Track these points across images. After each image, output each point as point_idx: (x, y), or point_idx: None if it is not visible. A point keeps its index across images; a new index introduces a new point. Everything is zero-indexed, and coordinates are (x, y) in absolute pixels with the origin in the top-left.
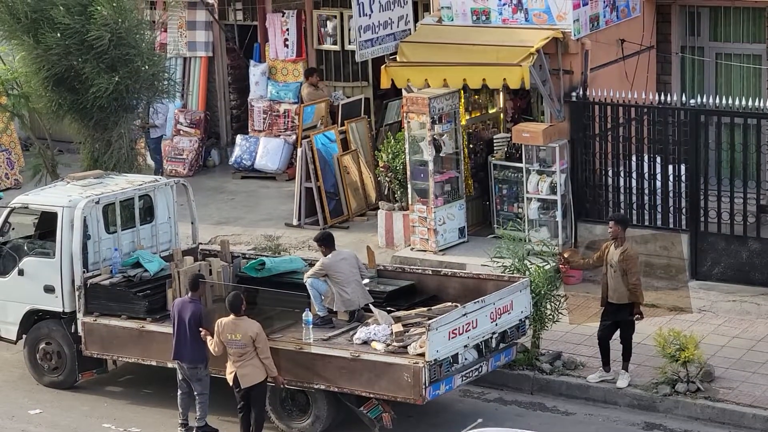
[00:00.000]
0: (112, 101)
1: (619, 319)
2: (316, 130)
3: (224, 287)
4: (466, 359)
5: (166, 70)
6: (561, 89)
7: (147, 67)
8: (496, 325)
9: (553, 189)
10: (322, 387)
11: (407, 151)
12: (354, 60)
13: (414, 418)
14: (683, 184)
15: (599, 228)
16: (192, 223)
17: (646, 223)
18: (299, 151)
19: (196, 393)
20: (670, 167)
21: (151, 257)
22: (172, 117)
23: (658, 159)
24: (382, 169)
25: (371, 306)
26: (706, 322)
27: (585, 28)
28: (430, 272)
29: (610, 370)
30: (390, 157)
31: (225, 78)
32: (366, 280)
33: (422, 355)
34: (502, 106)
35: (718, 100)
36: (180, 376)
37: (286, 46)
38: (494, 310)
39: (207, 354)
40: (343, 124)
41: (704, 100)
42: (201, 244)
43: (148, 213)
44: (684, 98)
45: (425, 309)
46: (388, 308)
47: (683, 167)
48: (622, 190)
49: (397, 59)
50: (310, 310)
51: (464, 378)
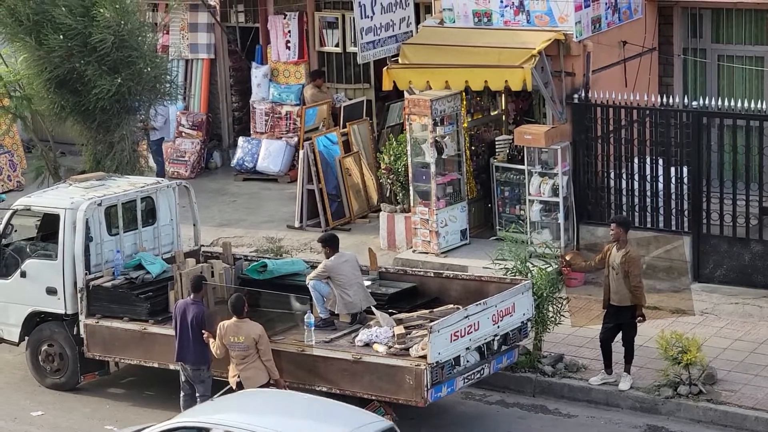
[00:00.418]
0: (114, 103)
1: (621, 321)
2: (318, 132)
3: (226, 289)
4: (467, 361)
5: (168, 72)
6: (563, 91)
7: (149, 69)
8: (498, 327)
9: (555, 191)
10: (324, 389)
11: (409, 153)
12: (356, 62)
13: (416, 420)
14: (685, 187)
15: (601, 230)
16: (194, 225)
17: (649, 226)
18: (301, 153)
19: (198, 394)
20: (672, 169)
21: (153, 259)
22: (174, 119)
23: (660, 161)
24: (384, 171)
25: (373, 308)
26: (708, 324)
27: (587, 30)
28: (432, 274)
29: (612, 372)
30: (392, 159)
31: (227, 80)
32: (367, 282)
33: (424, 357)
34: (504, 108)
35: (720, 102)
36: (183, 378)
37: (288, 48)
38: (496, 312)
39: (210, 356)
40: (345, 126)
41: (706, 102)
42: (203, 246)
43: (150, 215)
44: (686, 100)
45: (427, 311)
46: (390, 310)
47: (685, 169)
48: (624, 192)
49: (399, 61)
50: (312, 312)
51: (466, 380)
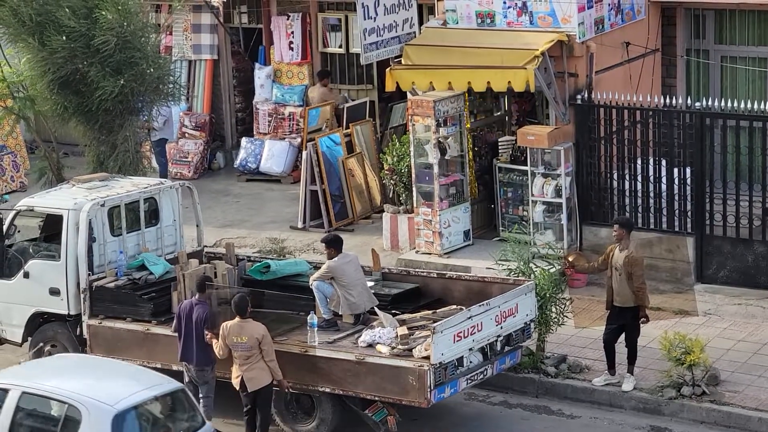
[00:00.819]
0: (117, 104)
1: (624, 322)
2: (321, 133)
3: (229, 290)
4: (471, 362)
5: (171, 73)
6: (566, 92)
7: (152, 70)
8: (501, 328)
9: (558, 192)
10: (327, 390)
11: (412, 153)
12: (359, 63)
13: (419, 421)
14: (688, 187)
15: (604, 231)
16: (197, 226)
17: (652, 226)
18: (304, 154)
19: (201, 396)
20: (676, 170)
21: (156, 260)
22: (177, 120)
23: (664, 162)
24: (387, 172)
25: (376, 309)
26: (711, 325)
27: (590, 31)
28: (435, 275)
29: (615, 373)
30: (395, 159)
31: (230, 81)
32: (371, 283)
33: (427, 358)
34: (507, 109)
35: (723, 103)
36: (187, 379)
37: (291, 49)
38: (499, 313)
39: (214, 357)
40: (348, 127)
41: (710, 103)
42: (206, 246)
43: (153, 216)
44: (689, 101)
45: (430, 312)
46: (393, 311)
47: (688, 170)
48: (627, 193)
49: (402, 62)
50: (315, 313)
51: (469, 381)
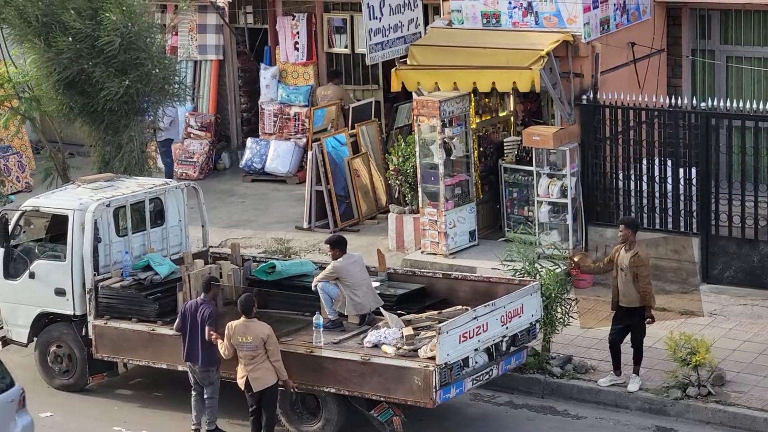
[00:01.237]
0: (122, 105)
1: (630, 322)
2: (326, 133)
3: (234, 290)
4: (476, 363)
5: (176, 73)
6: (571, 92)
7: (157, 70)
8: (507, 328)
9: (563, 192)
10: (333, 390)
11: (418, 154)
12: (364, 63)
13: (424, 421)
14: (694, 188)
15: (610, 231)
16: (202, 226)
17: (657, 227)
18: (310, 154)
19: (206, 396)
20: (681, 170)
21: (161, 260)
22: (183, 120)
23: (669, 162)
24: (393, 173)
25: (382, 309)
26: (717, 325)
27: (595, 32)
28: (441, 275)
29: (620, 373)
30: (400, 160)
31: (235, 81)
32: (376, 284)
33: (433, 358)
34: (512, 109)
35: (729, 103)
36: (192, 380)
37: (297, 49)
38: (505, 313)
39: (219, 357)
40: (353, 127)
41: (715, 103)
42: (211, 247)
43: (159, 216)
44: (695, 101)
45: (436, 312)
46: (399, 311)
47: (694, 170)
48: (632, 194)
49: (408, 62)
50: (321, 314)
51: (475, 381)
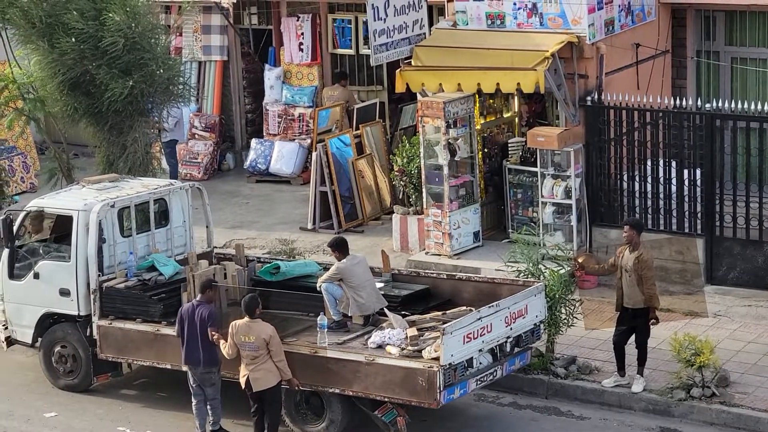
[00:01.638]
0: (126, 105)
1: (634, 323)
2: (330, 134)
3: (239, 291)
4: (480, 363)
5: (181, 74)
6: (576, 93)
7: (162, 71)
8: (511, 329)
9: (567, 193)
10: (337, 391)
11: (422, 155)
12: (369, 64)
13: (428, 422)
14: (698, 189)
15: (614, 232)
16: (207, 227)
17: (662, 228)
18: (314, 155)
19: (208, 398)
20: (686, 172)
21: (166, 261)
22: (187, 121)
23: (674, 163)
24: (397, 173)
25: (386, 310)
26: (721, 326)
27: (600, 33)
28: (445, 276)
29: (625, 374)
30: (405, 161)
31: (240, 82)
32: (380, 284)
33: (437, 359)
34: (517, 110)
35: (733, 105)
36: (193, 383)
37: (301, 50)
38: (509, 314)
39: (219, 357)
40: (358, 128)
41: (719, 104)
42: (216, 247)
43: (163, 217)
44: (699, 102)
45: (440, 313)
46: (403, 312)
47: (698, 172)
48: (637, 195)
49: (412, 63)
50: (325, 314)
51: (479, 382)
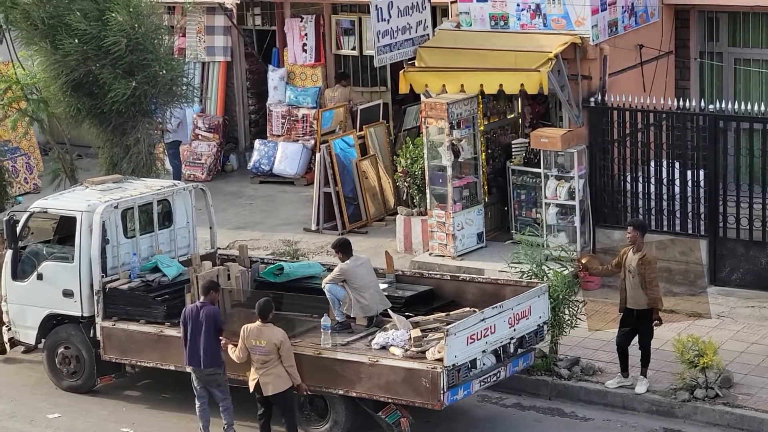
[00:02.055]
0: (130, 106)
1: (637, 324)
2: (334, 135)
3: (242, 292)
4: (484, 364)
5: (184, 74)
6: (579, 94)
7: (165, 72)
8: (515, 330)
9: (571, 194)
10: (341, 392)
11: (426, 156)
12: (372, 65)
13: (432, 423)
14: (702, 190)
15: (617, 233)
16: (210, 228)
17: (665, 229)
18: (318, 155)
19: (218, 401)
20: (689, 173)
21: (169, 262)
22: (191, 122)
23: (677, 164)
24: (401, 174)
25: (390, 311)
26: (724, 327)
27: (603, 34)
28: (449, 277)
29: (628, 375)
30: (408, 162)
31: (243, 83)
32: (384, 285)
33: (440, 360)
34: (520, 111)
35: (736, 106)
36: (197, 385)
37: (305, 51)
38: (512, 315)
39: (224, 358)
40: (361, 129)
41: (723, 105)
42: (219, 248)
43: (167, 218)
44: (703, 104)
45: (443, 314)
46: (407, 313)
47: (702, 173)
48: (640, 196)
49: (416, 64)
50: (329, 315)
51: (482, 383)
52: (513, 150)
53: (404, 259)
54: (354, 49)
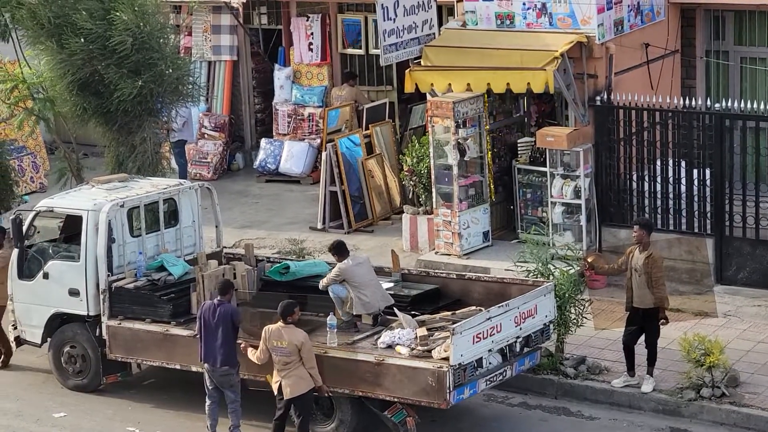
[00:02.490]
0: (136, 105)
1: (643, 323)
2: (340, 134)
3: (248, 291)
4: (490, 363)
5: (190, 74)
6: (585, 93)
7: (171, 71)
8: (521, 329)
9: (577, 193)
10: (347, 391)
11: (432, 155)
12: (378, 64)
13: (438, 422)
14: (708, 189)
15: (623, 232)
16: (216, 227)
17: (671, 228)
18: (324, 154)
19: (228, 401)
20: (695, 171)
21: (175, 261)
22: (197, 121)
23: (683, 163)
24: (407, 173)
25: (395, 310)
26: (731, 326)
27: (609, 33)
28: (455, 276)
29: (634, 374)
30: (414, 161)
31: (249, 82)
32: (390, 284)
33: (446, 359)
34: (526, 110)
35: (742, 104)
36: (210, 385)
37: (311, 50)
38: (518, 314)
39: (238, 358)
40: (367, 128)
41: (729, 104)
42: (225, 247)
43: (173, 216)
44: (709, 102)
45: (449, 313)
46: (413, 312)
47: (708, 171)
48: (646, 195)
49: (422, 63)
50: (335, 315)
51: (488, 382)
52: (519, 149)
53: (410, 258)
54: (360, 48)
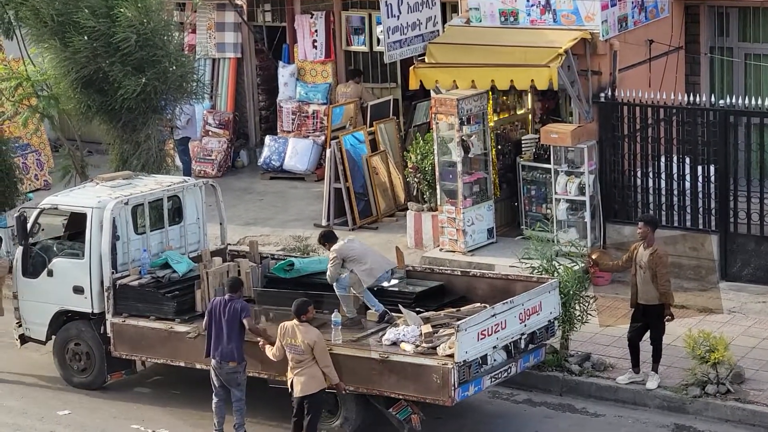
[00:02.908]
0: (140, 102)
1: (648, 320)
2: (344, 131)
3: (252, 288)
4: (495, 360)
5: (194, 71)
6: (589, 90)
7: (175, 68)
8: (525, 326)
9: (581, 190)
10: (351, 388)
11: (436, 152)
12: (382, 61)
13: (443, 419)
14: (712, 185)
15: (628, 229)
16: (221, 224)
17: (676, 224)
18: (328, 151)
19: (234, 399)
20: (699, 168)
21: (179, 258)
22: (201, 118)
23: (687, 160)
24: (411, 170)
25: (400, 307)
26: (735, 323)
27: (613, 29)
28: (459, 273)
29: (639, 371)
30: (419, 157)
31: (254, 79)
32: (395, 281)
33: (451, 356)
34: (530, 107)
35: (747, 101)
36: (216, 383)
37: (315, 47)
38: (523, 311)
39: (246, 355)
40: (371, 125)
41: (733, 100)
42: (230, 244)
43: (177, 214)
44: (713, 99)
45: (454, 310)
46: (417, 309)
47: (712, 168)
48: (651, 191)
49: (426, 60)
50: (339, 312)
51: (493, 379)
52: (523, 145)
53: (415, 255)
54: (364, 45)
